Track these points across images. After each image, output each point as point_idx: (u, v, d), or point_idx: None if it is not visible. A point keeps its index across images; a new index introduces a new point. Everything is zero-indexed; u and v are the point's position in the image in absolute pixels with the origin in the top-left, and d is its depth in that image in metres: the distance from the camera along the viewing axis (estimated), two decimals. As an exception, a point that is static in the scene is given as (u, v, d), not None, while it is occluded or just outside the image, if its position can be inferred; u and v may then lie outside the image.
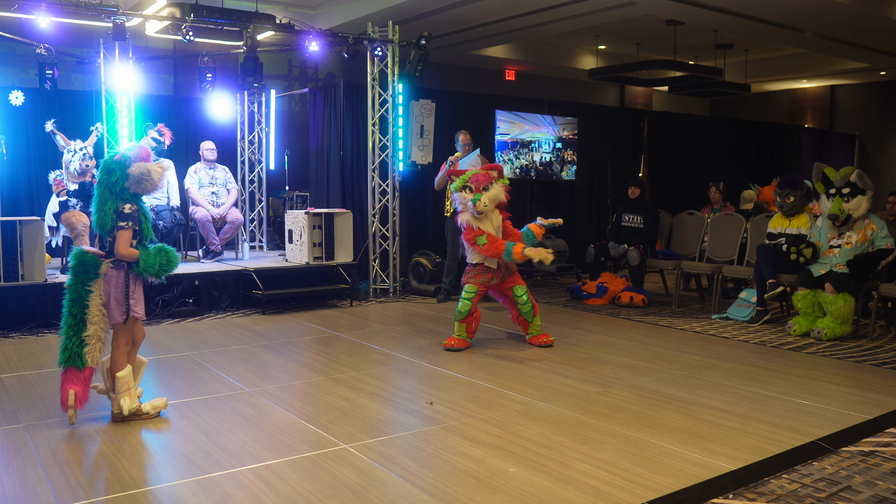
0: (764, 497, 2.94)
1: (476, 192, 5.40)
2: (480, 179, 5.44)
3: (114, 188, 3.67)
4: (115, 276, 3.70)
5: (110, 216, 3.66)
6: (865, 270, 5.88)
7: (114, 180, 3.66)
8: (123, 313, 3.71)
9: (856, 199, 5.98)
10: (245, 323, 6.51)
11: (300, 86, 11.86)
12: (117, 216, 3.66)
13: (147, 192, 3.77)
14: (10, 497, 2.91)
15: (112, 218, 3.65)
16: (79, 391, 3.66)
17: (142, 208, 3.75)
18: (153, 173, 3.74)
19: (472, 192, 5.41)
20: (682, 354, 5.40)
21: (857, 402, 4.22)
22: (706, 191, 8.85)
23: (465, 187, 5.46)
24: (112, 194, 3.67)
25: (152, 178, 3.73)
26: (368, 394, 4.34)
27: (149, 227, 3.78)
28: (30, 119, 7.70)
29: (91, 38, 8.20)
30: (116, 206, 3.66)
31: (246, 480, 3.07)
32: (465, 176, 5.51)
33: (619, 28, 11.94)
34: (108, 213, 3.66)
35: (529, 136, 9.42)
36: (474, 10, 9.97)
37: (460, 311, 5.47)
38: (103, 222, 3.67)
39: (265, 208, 9.54)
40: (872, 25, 10.48)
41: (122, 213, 3.66)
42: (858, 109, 15.91)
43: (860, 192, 5.97)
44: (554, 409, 4.06)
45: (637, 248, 7.59)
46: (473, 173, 5.51)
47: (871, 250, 5.97)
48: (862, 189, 5.97)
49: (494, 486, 3.03)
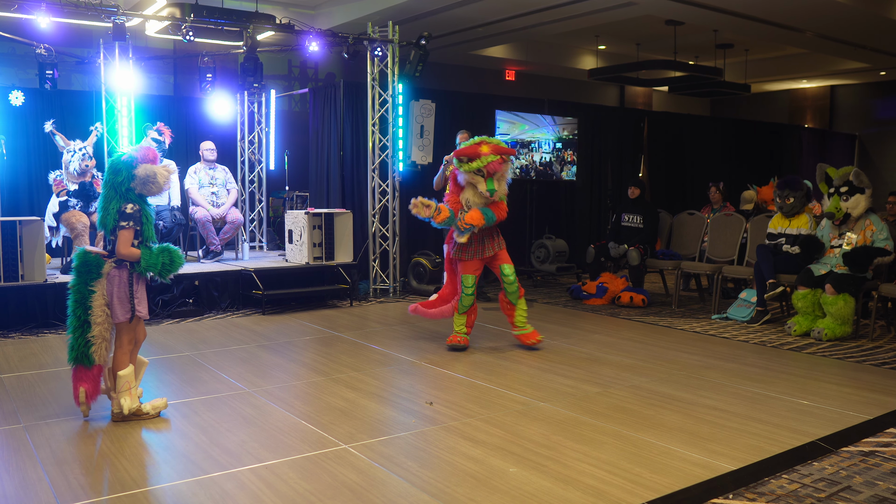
0: (764, 497, 2.94)
1: (488, 178, 5.20)
2: (496, 168, 5.23)
3: (119, 188, 3.68)
4: (118, 276, 3.71)
5: (114, 215, 3.67)
6: (861, 263, 5.85)
7: (120, 180, 3.68)
8: (127, 312, 3.72)
9: (854, 197, 5.98)
10: (245, 323, 6.51)
11: (300, 86, 11.86)
12: (119, 216, 3.67)
13: (153, 193, 3.78)
14: (10, 497, 2.91)
15: (114, 217, 3.67)
16: (88, 388, 3.73)
17: (144, 209, 3.76)
18: (159, 176, 3.74)
19: (485, 178, 5.20)
20: (682, 354, 5.41)
21: (857, 402, 4.22)
22: (706, 191, 8.85)
23: (479, 171, 5.20)
24: (117, 194, 3.69)
25: (158, 180, 3.74)
26: (368, 394, 4.34)
27: (151, 228, 3.78)
28: (30, 119, 7.70)
29: (91, 38, 8.20)
30: (120, 206, 3.68)
31: (246, 480, 3.07)
32: (483, 161, 5.19)
33: (619, 28, 11.94)
34: (110, 212, 3.68)
35: (529, 136, 9.42)
36: (474, 10, 9.97)
37: (464, 304, 5.46)
38: (107, 221, 3.69)
39: (265, 208, 9.54)
40: (872, 25, 10.48)
41: (124, 212, 3.68)
42: (858, 109, 15.91)
43: (858, 190, 5.97)
44: (554, 409, 4.06)
45: (637, 248, 7.59)
46: (491, 160, 5.20)
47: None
48: (860, 188, 5.97)
49: (494, 486, 3.03)
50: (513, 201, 5.70)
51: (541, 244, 9.29)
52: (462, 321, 5.51)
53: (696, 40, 12.74)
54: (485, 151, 5.21)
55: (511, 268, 5.53)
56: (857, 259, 5.83)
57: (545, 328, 6.31)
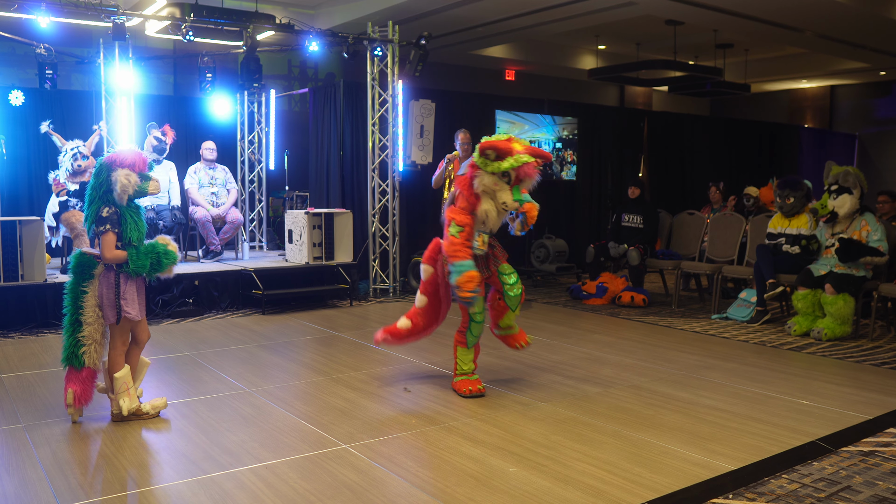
0: (764, 497, 2.94)
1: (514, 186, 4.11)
2: (529, 174, 4.12)
3: (98, 190, 3.66)
4: (106, 278, 3.70)
5: (92, 220, 3.66)
6: (851, 255, 5.83)
7: (99, 182, 3.66)
8: (115, 314, 3.70)
9: (841, 196, 5.99)
10: (245, 323, 6.51)
11: (300, 86, 11.86)
12: (97, 221, 3.65)
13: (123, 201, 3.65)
14: (10, 497, 2.91)
15: (93, 221, 3.66)
16: (77, 391, 3.68)
17: (123, 211, 3.66)
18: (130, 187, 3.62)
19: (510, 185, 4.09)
20: (682, 354, 5.41)
21: (856, 402, 4.22)
22: (706, 191, 8.86)
23: (506, 174, 4.05)
24: (97, 195, 3.66)
25: (128, 190, 3.63)
26: (368, 394, 4.34)
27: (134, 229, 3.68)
28: (30, 119, 7.69)
29: (91, 38, 8.19)
30: (98, 210, 3.65)
31: (246, 480, 3.07)
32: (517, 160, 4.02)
33: (618, 28, 11.94)
34: (90, 215, 3.67)
35: (529, 136, 9.42)
36: (474, 10, 9.97)
37: (473, 334, 4.31)
38: (90, 223, 3.69)
39: (265, 208, 9.54)
40: (872, 25, 10.48)
41: (100, 217, 3.64)
42: (858, 109, 15.91)
43: (845, 190, 5.98)
44: (554, 409, 4.06)
45: (637, 247, 7.59)
46: (525, 161, 4.05)
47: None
48: (846, 187, 5.98)
49: (494, 485, 3.03)
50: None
51: (541, 244, 9.29)
52: (469, 357, 4.37)
53: (696, 40, 12.74)
54: (517, 149, 4.07)
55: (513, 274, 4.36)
56: (849, 250, 5.82)
57: (545, 328, 6.31)
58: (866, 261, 5.84)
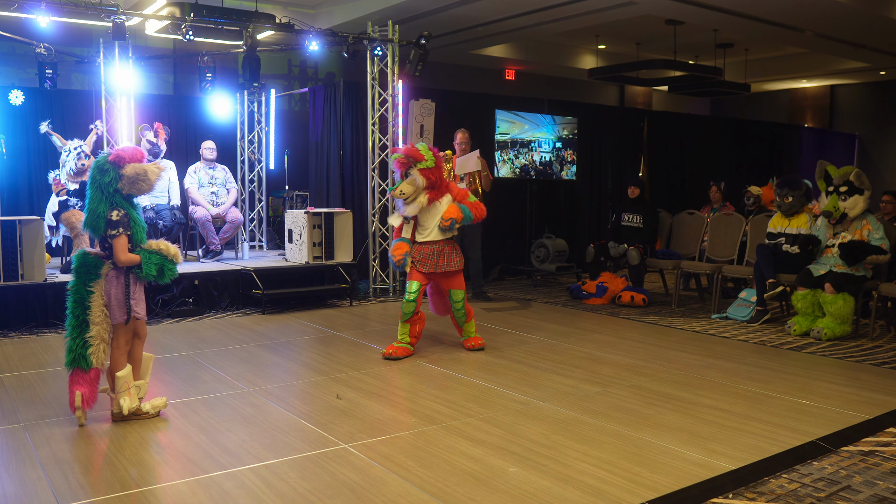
0: (764, 497, 2.94)
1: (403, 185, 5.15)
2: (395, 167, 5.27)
3: (106, 189, 3.63)
4: (116, 277, 3.70)
5: (101, 220, 3.62)
6: (855, 256, 5.83)
7: (107, 181, 3.62)
8: (125, 314, 3.71)
9: (852, 198, 5.98)
10: (245, 322, 6.51)
11: (300, 85, 11.86)
12: (107, 225, 3.62)
13: (143, 192, 3.71)
14: (10, 497, 2.91)
15: (102, 224, 3.62)
16: (85, 392, 3.66)
17: (131, 213, 3.68)
18: (150, 173, 3.67)
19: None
20: (682, 354, 5.41)
21: (856, 401, 4.22)
22: (706, 191, 8.85)
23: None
24: (104, 195, 3.63)
25: (149, 178, 3.67)
26: (368, 394, 4.34)
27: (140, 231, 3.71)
28: (30, 119, 7.69)
29: (91, 38, 8.19)
30: (106, 212, 3.62)
31: (246, 480, 3.07)
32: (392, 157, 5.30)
33: (618, 28, 11.94)
34: (99, 216, 3.63)
35: (529, 135, 9.42)
36: (474, 10, 9.97)
37: (405, 312, 5.20)
38: (95, 224, 3.64)
39: (265, 208, 9.54)
40: (872, 25, 10.48)
41: (111, 220, 3.62)
42: (858, 109, 15.91)
43: (857, 191, 5.97)
44: (554, 408, 4.06)
45: (637, 247, 7.59)
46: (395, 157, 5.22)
47: None
48: (859, 188, 5.97)
49: (494, 485, 3.03)
50: (513, 201, 5.68)
51: (541, 244, 9.29)
52: (405, 331, 5.25)
53: (696, 40, 12.74)
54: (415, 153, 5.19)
55: (461, 293, 5.31)
56: (853, 252, 5.82)
57: (545, 328, 6.32)
58: (871, 259, 5.85)
